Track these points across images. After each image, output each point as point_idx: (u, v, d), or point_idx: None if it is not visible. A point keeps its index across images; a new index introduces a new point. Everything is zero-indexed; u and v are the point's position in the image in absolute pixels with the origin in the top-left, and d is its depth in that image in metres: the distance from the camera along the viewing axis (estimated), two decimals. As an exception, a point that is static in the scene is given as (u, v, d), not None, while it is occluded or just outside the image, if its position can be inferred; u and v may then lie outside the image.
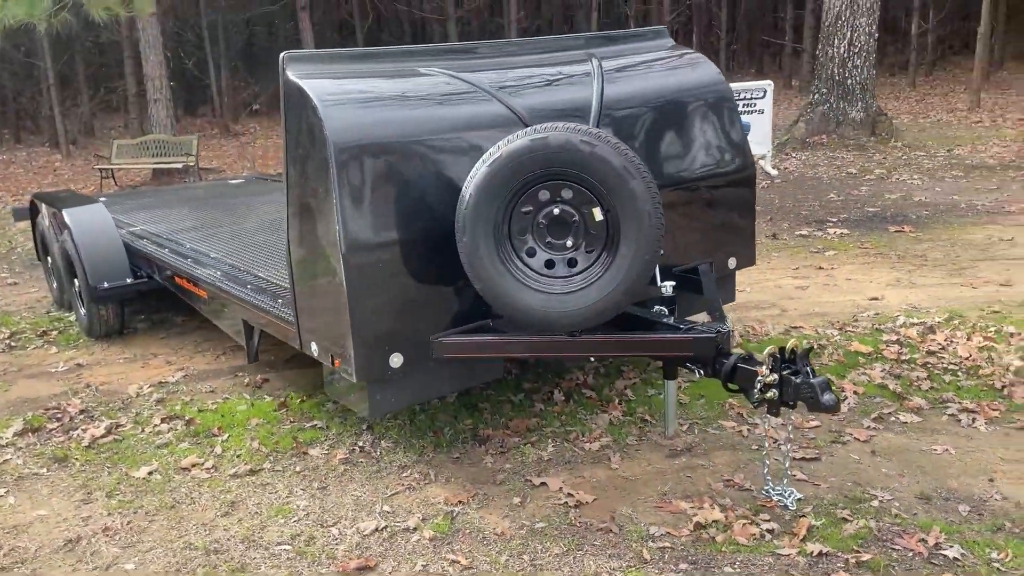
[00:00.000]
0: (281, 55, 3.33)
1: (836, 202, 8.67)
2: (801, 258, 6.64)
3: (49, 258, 6.33)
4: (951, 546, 2.84)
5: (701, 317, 3.96)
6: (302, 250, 3.37)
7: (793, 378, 2.94)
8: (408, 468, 3.57)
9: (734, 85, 7.97)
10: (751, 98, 9.95)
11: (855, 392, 4.07)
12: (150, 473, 3.63)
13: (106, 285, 5.22)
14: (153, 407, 4.37)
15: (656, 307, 3.52)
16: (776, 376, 2.96)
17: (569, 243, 3.10)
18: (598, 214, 3.05)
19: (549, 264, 3.12)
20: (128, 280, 5.29)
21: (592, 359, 4.27)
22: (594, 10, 20.42)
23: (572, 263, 3.11)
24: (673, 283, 3.54)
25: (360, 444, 3.80)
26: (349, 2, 22.85)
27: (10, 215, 10.37)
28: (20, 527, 3.24)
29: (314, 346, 3.43)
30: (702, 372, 3.27)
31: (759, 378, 2.98)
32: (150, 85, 12.53)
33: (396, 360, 3.24)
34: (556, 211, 3.08)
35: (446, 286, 3.33)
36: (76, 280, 5.65)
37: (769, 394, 2.99)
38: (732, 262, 4.28)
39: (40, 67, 19.37)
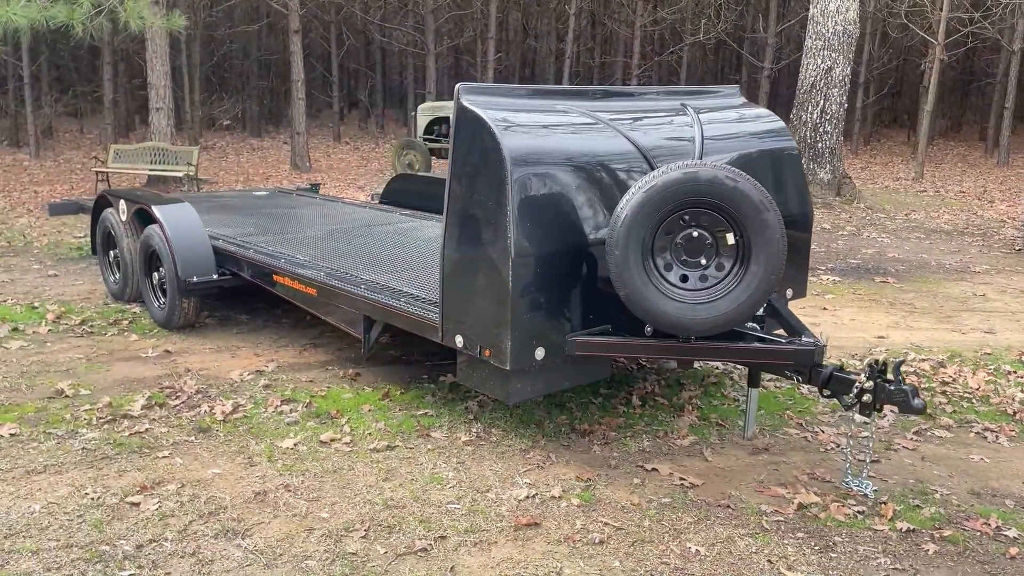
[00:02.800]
0: (457, 86, 3.84)
1: (820, 253, 9.51)
2: (805, 299, 7.34)
3: (112, 252, 6.59)
4: (1009, 528, 3.48)
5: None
6: (458, 254, 3.85)
7: (887, 385, 3.56)
8: (529, 451, 4.05)
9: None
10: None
11: (892, 411, 4.73)
12: (296, 444, 4.01)
13: (195, 279, 5.55)
14: (263, 391, 4.73)
15: (749, 324, 4.11)
16: (872, 383, 3.58)
17: (702, 261, 3.68)
18: (730, 239, 3.64)
19: (683, 278, 3.68)
20: (214, 276, 5.64)
21: (697, 365, 4.97)
22: (567, 58, 21.34)
23: (704, 279, 3.68)
24: (763, 304, 4.14)
25: (475, 431, 4.26)
26: (328, 29, 23.28)
27: (43, 211, 10.48)
28: (203, 481, 3.60)
29: (459, 339, 3.90)
30: (800, 379, 3.86)
31: (857, 384, 3.59)
32: (153, 94, 12.69)
33: (540, 353, 3.74)
34: (695, 234, 3.66)
35: (580, 292, 3.87)
36: (155, 274, 5.96)
37: (864, 398, 3.59)
38: (789, 292, 4.92)
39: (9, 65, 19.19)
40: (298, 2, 15.91)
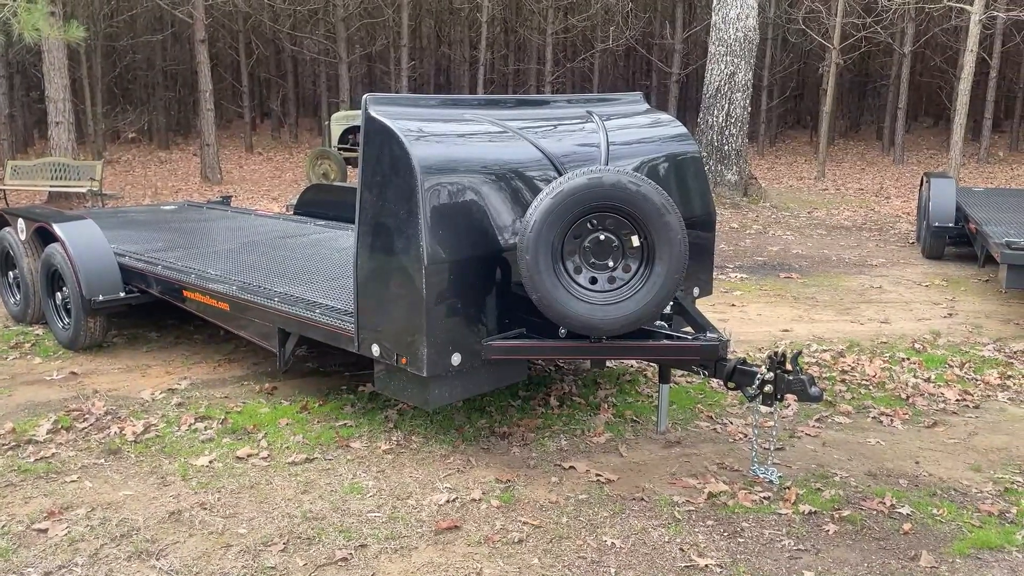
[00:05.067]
0: (364, 97, 3.87)
1: (728, 251, 9.83)
2: (714, 297, 7.60)
3: (12, 273, 6.35)
4: (903, 506, 3.69)
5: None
6: (372, 264, 3.87)
7: (786, 375, 3.73)
8: (449, 456, 4.10)
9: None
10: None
11: (795, 400, 4.95)
12: (211, 462, 3.96)
13: (101, 298, 5.40)
14: (176, 409, 4.65)
15: (658, 322, 4.25)
16: (773, 374, 3.75)
17: (610, 263, 3.79)
18: (635, 240, 3.76)
19: (592, 280, 3.78)
20: (121, 294, 5.50)
21: (612, 364, 5.03)
22: (480, 65, 21.46)
23: (612, 280, 3.79)
24: (671, 303, 4.29)
25: (395, 439, 4.28)
26: (236, 38, 22.83)
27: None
28: (114, 504, 3.52)
29: (375, 347, 3.92)
30: (706, 373, 4.01)
31: (759, 375, 3.76)
32: (52, 107, 12.24)
33: (456, 359, 3.80)
34: (601, 237, 3.77)
35: (494, 298, 3.94)
36: (58, 294, 5.78)
37: (766, 388, 3.76)
38: (696, 291, 5.10)
39: None
40: (203, 11, 15.58)
